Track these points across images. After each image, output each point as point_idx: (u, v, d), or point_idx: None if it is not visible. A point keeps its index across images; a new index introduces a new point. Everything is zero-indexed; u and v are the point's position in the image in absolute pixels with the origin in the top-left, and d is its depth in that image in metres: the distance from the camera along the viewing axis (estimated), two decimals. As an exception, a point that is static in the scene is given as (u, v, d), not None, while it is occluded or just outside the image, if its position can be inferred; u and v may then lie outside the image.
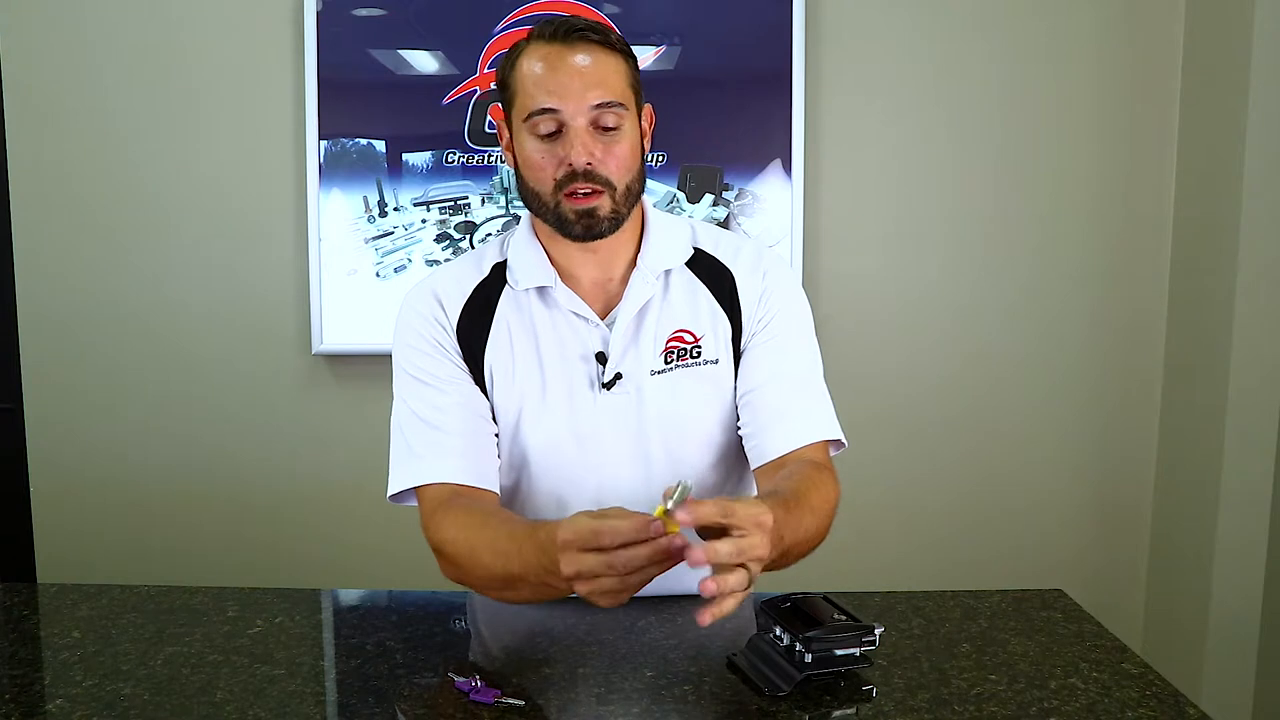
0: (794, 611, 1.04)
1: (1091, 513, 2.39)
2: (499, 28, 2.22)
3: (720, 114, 2.21)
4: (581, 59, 1.13)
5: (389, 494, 1.21)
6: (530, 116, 1.13)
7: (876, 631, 1.00)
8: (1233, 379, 2.09)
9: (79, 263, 2.32)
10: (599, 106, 1.12)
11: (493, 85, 2.22)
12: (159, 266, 2.32)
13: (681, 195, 2.24)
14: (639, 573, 0.90)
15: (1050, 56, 2.27)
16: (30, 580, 2.35)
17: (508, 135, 1.20)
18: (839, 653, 0.98)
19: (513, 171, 1.23)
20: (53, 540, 2.39)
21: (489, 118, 2.23)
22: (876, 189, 2.31)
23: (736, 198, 2.24)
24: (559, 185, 1.14)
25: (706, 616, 0.88)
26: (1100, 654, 1.09)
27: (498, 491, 1.21)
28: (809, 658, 0.97)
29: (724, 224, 2.23)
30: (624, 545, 0.90)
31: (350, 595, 1.33)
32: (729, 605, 0.88)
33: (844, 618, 1.01)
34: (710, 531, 0.92)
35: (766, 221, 2.25)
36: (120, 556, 2.36)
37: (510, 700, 0.96)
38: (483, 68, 2.23)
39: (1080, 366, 2.35)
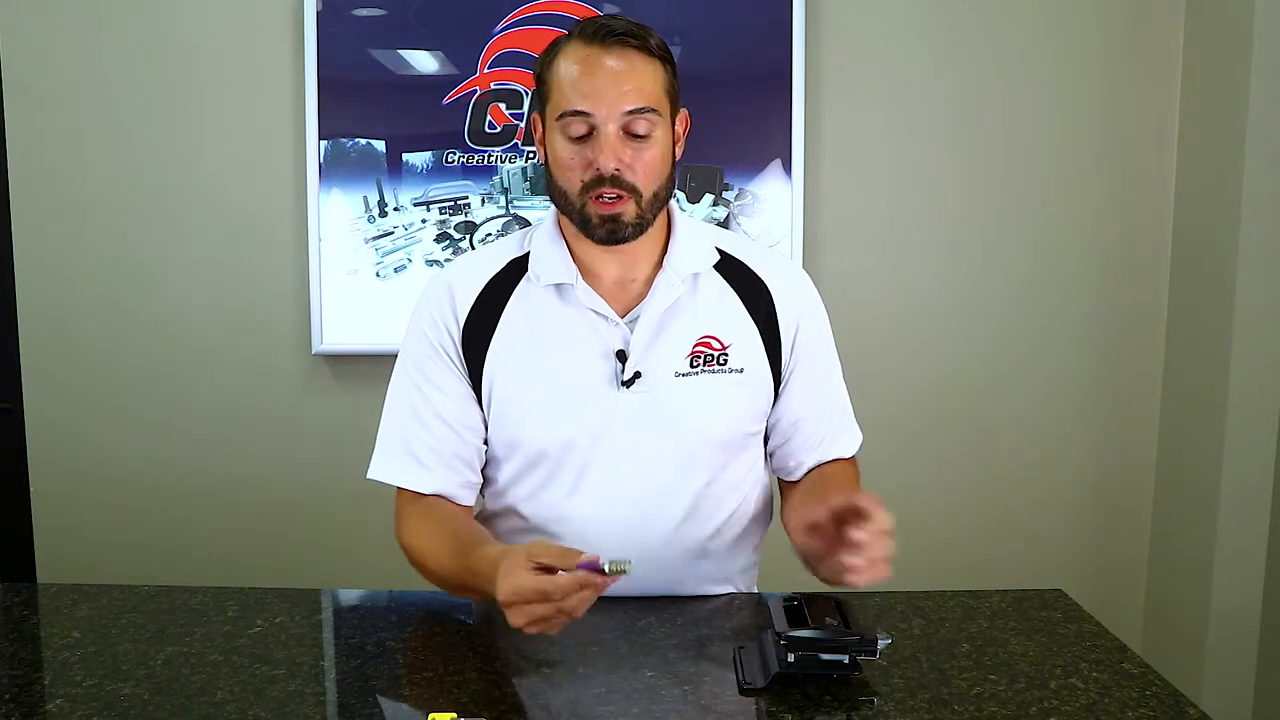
0: (797, 611, 1.04)
1: (1091, 513, 2.39)
2: (499, 28, 2.22)
3: (720, 114, 2.21)
4: (618, 63, 1.13)
5: (368, 476, 1.27)
6: (562, 116, 1.14)
7: (881, 643, 1.00)
8: (1233, 379, 2.09)
9: (79, 263, 2.32)
10: (631, 113, 1.13)
11: (493, 85, 2.22)
12: (159, 266, 2.32)
13: (681, 195, 2.23)
14: (575, 612, 0.97)
15: (1050, 56, 2.27)
16: (30, 580, 2.35)
17: (540, 130, 1.22)
18: (825, 657, 0.98)
19: (540, 166, 1.27)
20: (53, 540, 2.39)
21: (489, 118, 2.24)
22: (876, 189, 2.31)
23: (736, 198, 2.24)
24: (586, 188, 1.15)
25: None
26: (1100, 654, 1.09)
27: (468, 504, 1.28)
28: (791, 657, 0.98)
29: (724, 224, 2.23)
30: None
31: (350, 595, 1.33)
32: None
33: (837, 622, 1.01)
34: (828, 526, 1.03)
35: (766, 221, 2.25)
36: (120, 556, 2.36)
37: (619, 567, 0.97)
38: (483, 68, 2.23)
39: (1080, 366, 2.35)
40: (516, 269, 1.25)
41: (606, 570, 0.96)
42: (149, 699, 0.98)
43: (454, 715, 0.91)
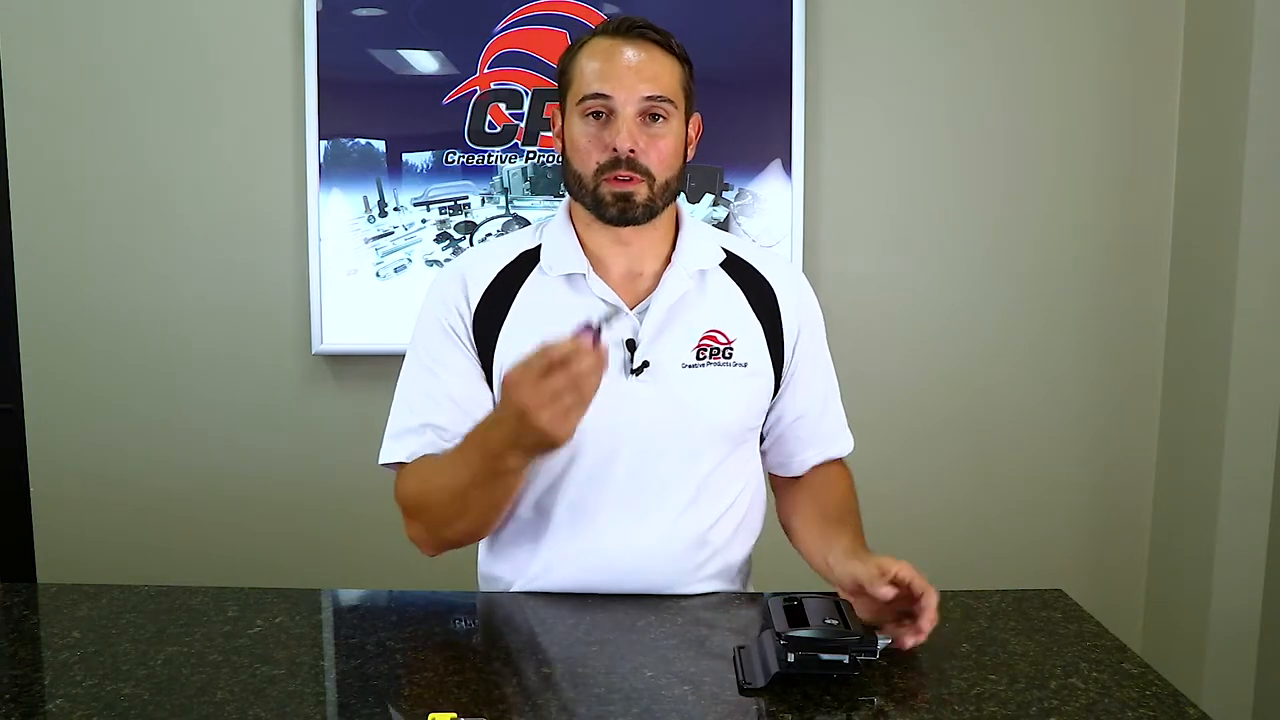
0: (797, 611, 1.05)
1: (1091, 513, 2.38)
2: (499, 28, 2.22)
3: (720, 114, 2.20)
4: (638, 54, 1.19)
5: (380, 462, 1.27)
6: (583, 100, 1.19)
7: (881, 643, 1.00)
8: (1233, 379, 2.09)
9: (79, 263, 2.32)
10: (649, 99, 1.18)
11: (492, 85, 2.22)
12: (159, 266, 2.32)
13: (682, 195, 2.23)
14: (590, 379, 1.00)
15: (1050, 56, 2.27)
16: (30, 580, 2.35)
17: (559, 124, 1.25)
18: (825, 657, 0.98)
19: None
20: (53, 540, 2.39)
21: (489, 118, 2.24)
22: (876, 189, 2.31)
23: (736, 198, 2.24)
24: (601, 169, 1.19)
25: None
26: (1100, 654, 1.09)
27: None
28: (791, 657, 0.98)
29: (724, 224, 2.23)
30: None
31: (350, 595, 1.33)
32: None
33: (837, 622, 1.01)
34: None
35: (766, 221, 2.24)
36: (120, 556, 2.36)
37: None
38: (483, 68, 2.23)
39: (1080, 367, 2.35)
40: (528, 260, 1.27)
41: (593, 324, 1.00)
42: (149, 699, 0.98)
43: (454, 715, 0.91)
